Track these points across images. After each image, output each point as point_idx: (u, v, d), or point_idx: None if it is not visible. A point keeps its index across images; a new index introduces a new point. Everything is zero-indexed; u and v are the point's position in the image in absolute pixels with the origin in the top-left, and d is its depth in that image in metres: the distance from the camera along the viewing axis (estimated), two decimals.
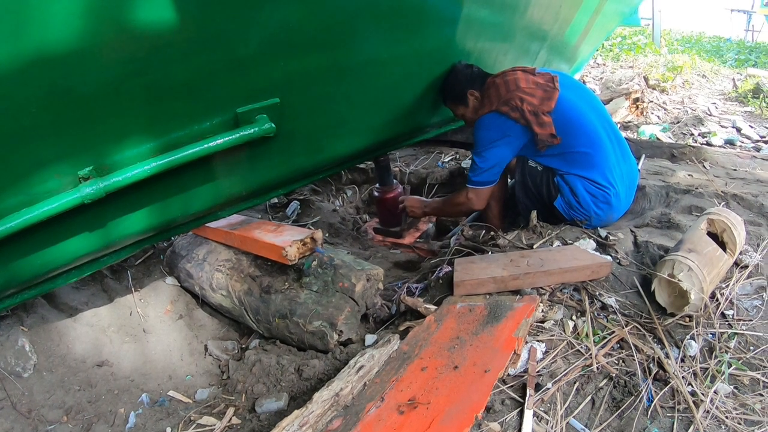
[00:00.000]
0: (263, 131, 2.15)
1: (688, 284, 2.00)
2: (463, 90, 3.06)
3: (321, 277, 2.50)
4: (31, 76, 1.47)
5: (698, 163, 3.90)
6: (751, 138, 5.41)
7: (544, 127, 2.74)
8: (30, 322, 2.33)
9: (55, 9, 1.39)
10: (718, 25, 17.67)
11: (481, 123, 2.91)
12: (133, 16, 1.55)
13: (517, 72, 2.90)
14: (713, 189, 3.15)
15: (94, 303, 2.60)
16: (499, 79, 2.91)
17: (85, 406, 2.20)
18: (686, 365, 1.85)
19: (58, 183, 1.77)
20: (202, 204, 2.40)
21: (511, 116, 2.78)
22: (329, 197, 4.82)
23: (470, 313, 2.15)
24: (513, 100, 2.76)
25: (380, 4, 2.34)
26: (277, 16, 1.93)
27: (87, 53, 1.53)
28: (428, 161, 5.22)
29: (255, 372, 2.31)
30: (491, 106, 2.86)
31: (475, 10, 2.95)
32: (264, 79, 2.12)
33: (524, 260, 2.40)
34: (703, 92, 7.71)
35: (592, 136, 2.79)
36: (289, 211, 4.23)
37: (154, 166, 1.90)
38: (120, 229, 2.12)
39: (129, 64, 1.65)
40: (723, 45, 14.56)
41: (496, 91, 2.87)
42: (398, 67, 2.80)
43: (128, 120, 1.82)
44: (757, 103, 6.74)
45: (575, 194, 2.80)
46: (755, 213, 2.85)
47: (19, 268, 1.94)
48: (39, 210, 1.73)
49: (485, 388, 1.70)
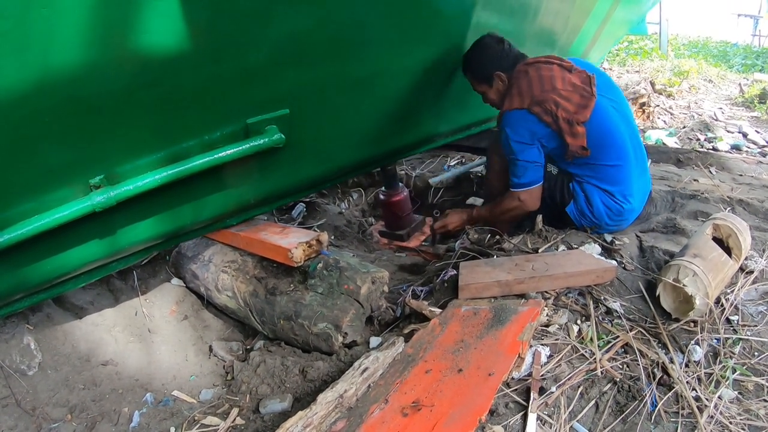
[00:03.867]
0: (273, 142, 2.18)
1: (693, 289, 2.00)
2: (490, 69, 2.85)
3: (326, 279, 2.51)
4: (45, 85, 1.49)
5: (704, 168, 3.90)
6: (757, 143, 5.40)
7: (576, 138, 2.61)
8: (35, 320, 2.34)
9: (69, 21, 1.42)
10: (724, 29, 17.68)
11: (509, 120, 2.71)
12: (146, 28, 1.57)
13: (553, 67, 2.70)
14: (719, 194, 3.15)
15: (100, 302, 2.61)
16: (533, 71, 2.70)
17: (89, 404, 2.21)
18: (690, 370, 1.85)
19: (70, 191, 1.79)
20: (212, 212, 2.43)
21: (543, 119, 2.61)
22: (335, 200, 4.83)
23: (475, 317, 2.15)
24: (547, 102, 2.59)
25: (389, 16, 2.35)
26: (287, 27, 1.95)
27: (100, 64, 1.55)
28: (434, 165, 5.22)
29: (259, 373, 2.31)
30: (521, 100, 2.65)
31: (485, 19, 2.94)
32: (274, 90, 2.14)
33: (529, 264, 2.40)
34: (710, 97, 7.70)
35: (621, 152, 2.71)
36: (294, 213, 4.23)
37: (165, 176, 1.93)
38: (129, 236, 2.15)
39: (141, 75, 1.67)
40: (730, 50, 14.56)
41: (529, 85, 2.66)
42: (407, 77, 2.81)
43: (140, 129, 1.85)
44: (764, 108, 6.73)
45: (590, 204, 2.75)
46: (761, 218, 2.84)
47: (30, 273, 1.97)
48: (51, 217, 1.76)
49: (489, 391, 1.70)
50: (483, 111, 3.87)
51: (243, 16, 1.80)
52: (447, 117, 3.45)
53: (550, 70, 2.67)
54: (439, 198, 4.80)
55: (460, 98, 3.42)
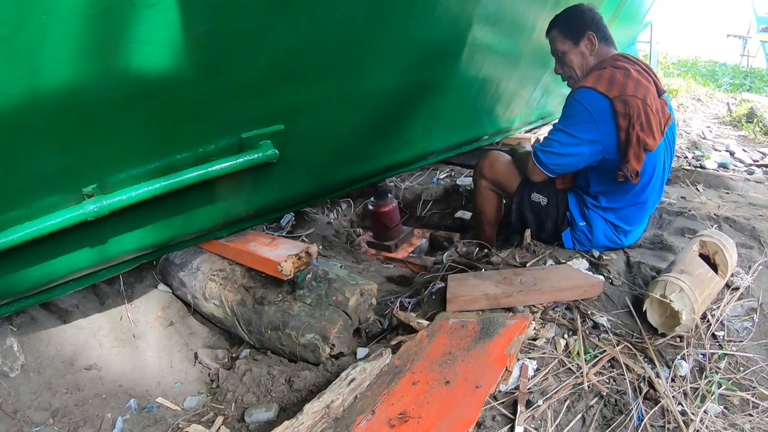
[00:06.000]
0: (267, 157, 2.19)
1: (679, 305, 2.02)
2: (583, 28, 2.58)
3: (315, 290, 2.50)
4: (42, 92, 1.48)
5: (691, 186, 3.93)
6: (744, 162, 5.45)
7: (639, 161, 2.38)
8: (19, 321, 2.32)
9: (69, 28, 1.41)
10: (713, 49, 17.84)
11: (587, 96, 2.42)
12: (145, 39, 1.58)
13: (650, 81, 2.45)
14: (706, 211, 3.18)
15: (85, 306, 2.59)
16: (633, 71, 2.43)
17: (72, 409, 2.19)
18: (676, 385, 1.86)
19: (63, 198, 1.79)
20: (203, 224, 2.43)
21: (619, 121, 2.36)
22: (324, 210, 4.83)
23: (463, 329, 2.16)
24: (633, 107, 2.32)
25: (386, 35, 2.37)
26: (285, 44, 1.96)
27: (98, 73, 1.55)
28: (423, 177, 5.24)
29: (245, 381, 2.30)
30: (609, 87, 2.38)
31: (480, 39, 2.97)
32: (270, 106, 2.15)
33: (517, 278, 2.40)
34: (698, 116, 7.77)
35: (649, 194, 2.62)
36: (283, 222, 4.23)
37: (158, 187, 1.94)
38: (119, 245, 2.14)
39: (139, 86, 1.67)
40: (718, 69, 14.69)
41: (624, 78, 2.39)
42: (401, 96, 2.82)
43: (135, 140, 1.85)
44: (751, 127, 6.80)
45: (591, 233, 2.69)
46: (747, 236, 2.87)
47: (18, 279, 1.95)
48: (43, 224, 1.75)
49: (476, 403, 1.70)
50: (475, 130, 3.91)
51: (242, 32, 1.80)
52: (440, 135, 3.47)
53: (648, 81, 2.44)
54: (427, 210, 4.81)
55: (453, 117, 3.44)
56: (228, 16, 1.73)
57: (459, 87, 3.22)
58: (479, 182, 3.14)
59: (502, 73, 3.63)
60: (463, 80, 3.22)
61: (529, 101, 4.55)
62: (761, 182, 4.19)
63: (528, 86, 4.24)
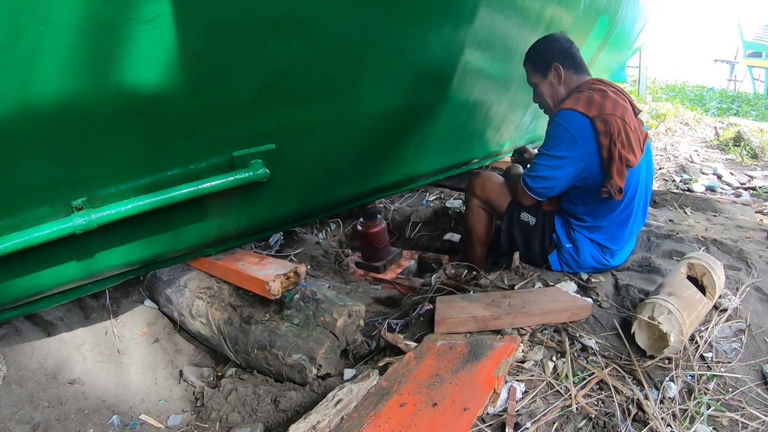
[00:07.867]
0: (257, 176, 2.19)
1: (667, 327, 2.02)
2: (550, 60, 2.68)
3: (302, 311, 2.48)
4: (34, 103, 1.48)
5: (679, 209, 3.95)
6: (731, 185, 5.51)
7: (622, 177, 2.44)
8: (2, 332, 2.29)
9: (64, 40, 1.42)
10: (701, 74, 18.09)
11: (568, 117, 2.49)
12: (140, 55, 1.58)
13: (627, 101, 2.54)
14: (694, 234, 3.19)
15: (70, 319, 2.55)
16: (610, 91, 2.52)
17: (54, 423, 2.14)
18: (665, 406, 1.85)
19: (51, 210, 1.77)
20: (191, 241, 2.42)
21: (600, 139, 2.42)
22: (313, 229, 4.83)
23: (450, 351, 2.14)
24: (612, 125, 2.40)
25: (379, 59, 2.39)
26: (279, 65, 1.98)
27: (92, 86, 1.55)
28: (413, 199, 5.25)
29: (230, 400, 2.27)
30: (588, 108, 2.45)
31: (472, 63, 3.01)
32: (262, 125, 2.16)
33: (506, 300, 2.40)
34: (686, 140, 7.85)
35: (632, 214, 2.66)
36: (272, 241, 4.22)
37: (148, 203, 1.93)
38: (107, 260, 2.13)
39: (132, 101, 1.67)
40: (706, 94, 14.89)
41: (602, 99, 2.46)
42: (393, 119, 2.83)
43: (127, 154, 1.84)
44: (738, 151, 6.87)
45: (577, 255, 2.71)
46: (734, 258, 2.88)
47: (4, 290, 1.93)
48: (30, 235, 1.74)
49: (464, 426, 1.68)
50: (465, 153, 3.93)
51: (238, 52, 1.82)
52: (430, 158, 3.48)
53: (624, 100, 2.53)
54: (416, 232, 4.81)
55: (443, 140, 3.46)
56: (224, 35, 1.74)
57: (450, 110, 3.24)
58: (471, 201, 3.17)
59: (492, 98, 3.67)
60: (455, 104, 3.24)
61: (519, 125, 4.58)
62: (748, 205, 4.24)
63: (518, 110, 4.27)
